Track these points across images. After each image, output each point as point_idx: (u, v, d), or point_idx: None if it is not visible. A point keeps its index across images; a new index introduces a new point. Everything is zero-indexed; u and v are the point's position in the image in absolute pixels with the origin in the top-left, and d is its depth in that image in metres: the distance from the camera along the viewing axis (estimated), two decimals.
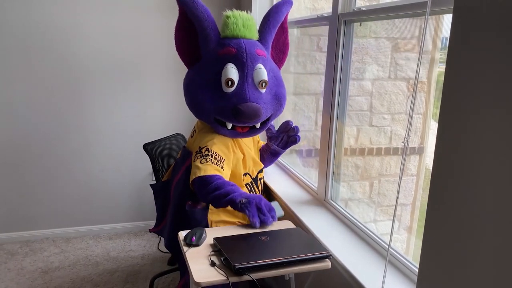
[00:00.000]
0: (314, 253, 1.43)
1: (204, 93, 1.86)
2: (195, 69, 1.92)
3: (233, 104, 1.83)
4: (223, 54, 1.84)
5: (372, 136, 2.53)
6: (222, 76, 1.83)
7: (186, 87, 1.95)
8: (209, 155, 1.84)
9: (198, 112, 1.93)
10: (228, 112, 1.84)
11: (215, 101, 1.85)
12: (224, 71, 1.83)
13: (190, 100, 1.93)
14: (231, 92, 1.84)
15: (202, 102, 1.86)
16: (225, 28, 1.89)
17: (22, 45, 2.67)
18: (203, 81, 1.87)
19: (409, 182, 2.45)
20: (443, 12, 1.27)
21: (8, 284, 2.45)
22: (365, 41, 2.40)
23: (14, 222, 2.93)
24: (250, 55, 1.85)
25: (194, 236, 1.56)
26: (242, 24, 1.87)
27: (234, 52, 1.83)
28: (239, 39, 1.87)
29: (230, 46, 1.84)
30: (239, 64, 1.84)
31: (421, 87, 2.28)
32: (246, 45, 1.86)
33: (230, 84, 1.82)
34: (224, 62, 1.84)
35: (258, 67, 1.87)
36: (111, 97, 2.91)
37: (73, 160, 2.94)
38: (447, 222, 0.90)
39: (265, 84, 1.89)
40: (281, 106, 1.99)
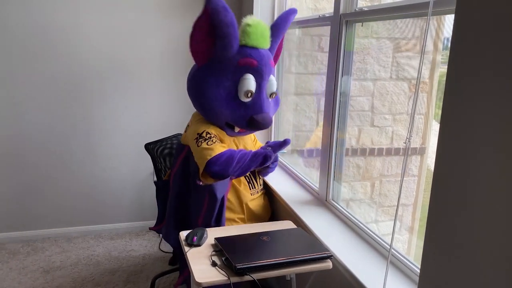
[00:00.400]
0: (315, 253, 1.44)
1: (221, 101, 1.89)
2: (208, 70, 1.92)
3: (250, 115, 1.92)
4: (244, 65, 1.88)
5: (374, 137, 2.53)
6: (241, 86, 1.89)
7: (197, 86, 1.94)
8: (212, 137, 1.91)
9: (209, 115, 1.96)
10: (243, 121, 1.93)
11: (232, 110, 1.91)
12: (244, 82, 1.89)
13: (203, 102, 1.93)
14: (248, 102, 1.92)
15: (218, 108, 1.90)
16: (245, 36, 1.90)
17: (24, 46, 2.67)
18: (221, 87, 1.89)
19: (410, 183, 2.45)
20: (445, 12, 1.27)
21: (10, 283, 2.45)
22: (367, 42, 2.40)
23: (16, 222, 2.94)
24: (267, 67, 1.93)
25: (195, 236, 1.56)
26: (261, 34, 1.92)
27: (255, 64, 1.89)
28: (258, 49, 1.92)
29: (252, 57, 1.89)
30: (258, 76, 1.91)
31: (423, 87, 2.28)
32: (265, 56, 1.92)
33: (249, 95, 1.90)
34: (243, 71, 1.89)
35: (271, 78, 1.98)
36: (113, 97, 2.91)
37: (74, 160, 2.95)
38: (449, 223, 0.90)
39: (275, 95, 2.04)
40: (277, 107, 2.13)
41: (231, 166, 1.83)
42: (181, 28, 2.90)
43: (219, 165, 1.81)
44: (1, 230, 2.92)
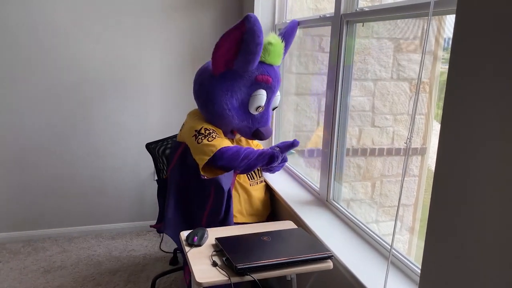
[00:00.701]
0: (316, 253, 1.44)
1: (233, 110, 1.99)
2: (225, 79, 1.97)
3: (256, 126, 2.07)
4: (261, 81, 1.99)
5: (374, 137, 2.52)
6: (253, 100, 2.00)
7: (211, 92, 1.98)
8: (211, 132, 1.97)
9: (217, 121, 2.03)
10: (249, 132, 2.08)
11: (241, 120, 2.03)
12: (257, 98, 2.00)
13: (214, 108, 1.99)
14: (257, 115, 2.05)
15: (229, 117, 1.99)
16: (266, 54, 2.00)
17: (25, 46, 2.67)
18: (234, 98, 1.99)
19: (411, 183, 2.45)
20: (445, 12, 1.26)
21: (10, 283, 2.45)
22: (368, 42, 2.40)
23: (17, 222, 2.94)
24: (278, 83, 2.08)
25: (196, 236, 1.56)
26: (278, 53, 2.04)
27: (271, 81, 2.02)
28: (273, 66, 2.05)
29: (269, 75, 2.01)
30: (269, 92, 2.04)
31: (423, 87, 2.28)
32: (277, 74, 2.07)
33: (260, 109, 2.04)
34: (258, 87, 2.00)
35: (277, 94, 2.12)
36: (113, 97, 2.91)
37: (75, 160, 2.95)
38: (449, 223, 0.90)
39: (276, 108, 2.20)
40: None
41: (236, 161, 1.91)
42: (183, 29, 2.90)
43: (225, 159, 1.90)
44: (2, 230, 2.93)
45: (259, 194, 2.16)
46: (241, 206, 2.07)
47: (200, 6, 2.87)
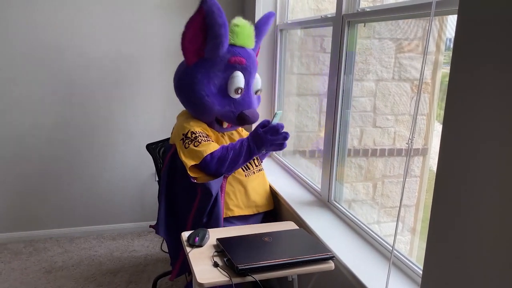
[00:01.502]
0: (317, 254, 1.43)
1: (212, 97, 1.99)
2: (199, 68, 1.99)
3: (240, 110, 2.03)
4: (234, 63, 1.99)
5: (376, 137, 2.52)
6: (231, 83, 2.00)
7: (188, 84, 2.01)
8: (198, 136, 1.97)
9: (201, 112, 2.03)
10: (233, 117, 2.03)
11: (223, 106, 2.01)
12: (234, 79, 2.00)
13: (194, 99, 2.01)
14: (238, 98, 2.03)
15: (209, 104, 1.99)
16: (234, 36, 2.02)
17: (26, 48, 2.68)
18: (211, 84, 1.99)
19: (412, 183, 2.44)
20: (447, 13, 1.26)
21: (12, 283, 2.46)
22: (369, 42, 2.40)
23: (18, 222, 2.95)
24: (253, 65, 2.07)
25: (197, 236, 1.56)
26: (248, 34, 2.05)
27: (244, 62, 2.01)
28: (245, 48, 2.05)
29: (241, 56, 2.01)
30: (246, 74, 2.03)
31: (425, 88, 2.27)
32: (252, 56, 2.06)
33: (239, 92, 2.02)
34: (233, 69, 2.00)
35: (257, 77, 2.11)
36: (114, 98, 2.91)
37: (76, 161, 2.95)
38: (451, 224, 0.89)
39: (260, 92, 2.16)
40: (259, 104, 2.22)
41: (223, 167, 1.94)
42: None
43: (212, 166, 1.92)
44: (3, 230, 2.93)
45: (257, 184, 2.11)
46: (237, 199, 2.04)
47: None
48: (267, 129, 1.94)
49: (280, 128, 1.93)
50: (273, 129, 1.93)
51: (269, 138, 1.93)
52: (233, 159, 1.94)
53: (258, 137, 1.95)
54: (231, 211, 2.02)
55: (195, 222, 1.97)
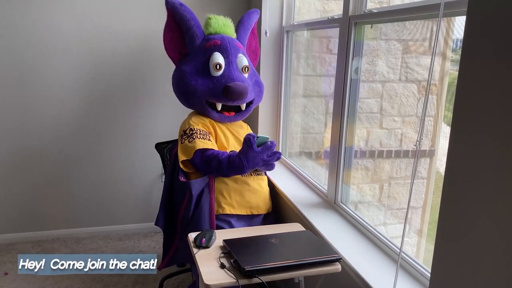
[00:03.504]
0: (324, 256, 1.43)
1: (196, 81, 2.11)
2: (183, 64, 2.18)
3: (223, 84, 2.07)
4: (210, 46, 2.14)
5: (382, 139, 2.51)
6: (210, 63, 2.11)
7: (176, 79, 2.19)
8: (194, 132, 2.04)
9: (190, 99, 2.15)
10: (219, 92, 2.08)
11: (206, 85, 2.10)
12: (211, 58, 2.11)
13: (182, 90, 2.16)
14: (220, 75, 2.11)
15: (195, 88, 2.10)
16: (208, 27, 2.21)
17: (35, 49, 2.70)
18: (193, 70, 2.13)
19: (419, 185, 2.43)
20: (456, 14, 1.26)
21: (19, 283, 2.47)
22: (376, 43, 2.39)
23: (26, 222, 2.97)
24: (233, 44, 2.17)
25: (204, 238, 1.56)
26: (222, 23, 2.22)
27: (219, 43, 2.14)
28: (221, 34, 2.20)
29: (215, 39, 2.16)
30: (224, 52, 2.13)
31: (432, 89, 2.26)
32: (227, 38, 2.19)
33: (218, 67, 2.10)
34: (211, 52, 2.13)
35: (240, 55, 2.18)
36: (122, 99, 2.93)
37: (84, 161, 2.97)
38: (460, 226, 0.89)
39: (248, 69, 2.21)
40: (261, 92, 2.30)
41: (208, 169, 1.98)
42: None
43: (198, 163, 1.98)
44: (11, 230, 2.95)
45: (254, 185, 2.11)
46: (231, 198, 2.04)
47: (207, 8, 2.87)
48: (264, 148, 1.89)
49: (274, 146, 1.91)
50: (269, 149, 1.89)
51: (265, 158, 1.89)
52: (216, 169, 1.94)
53: (253, 156, 1.88)
54: (222, 209, 2.03)
55: (184, 218, 2.02)
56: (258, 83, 2.27)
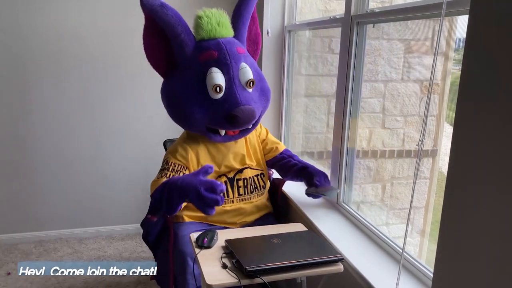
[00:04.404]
0: (326, 256, 1.43)
1: (191, 105, 1.76)
2: (174, 78, 1.83)
3: (226, 111, 1.74)
4: (205, 60, 1.75)
5: (385, 139, 2.51)
6: (207, 83, 1.74)
7: (168, 99, 1.85)
8: (166, 168, 1.83)
9: (188, 125, 1.86)
10: (221, 120, 1.76)
11: (205, 111, 1.76)
12: (209, 78, 1.74)
13: (176, 113, 1.85)
14: (221, 98, 1.75)
15: (191, 114, 1.77)
16: (199, 30, 1.80)
17: (33, 48, 2.70)
18: (188, 91, 1.77)
19: (422, 185, 2.42)
20: (458, 13, 1.25)
21: (22, 283, 2.48)
22: (378, 43, 2.39)
23: (29, 223, 2.97)
24: (233, 55, 1.77)
25: (205, 238, 1.56)
26: (216, 22, 1.79)
27: (216, 55, 1.75)
28: (216, 39, 1.79)
29: (210, 49, 1.76)
30: (223, 67, 1.75)
31: (435, 89, 2.26)
32: (226, 45, 1.77)
33: (218, 90, 1.74)
34: (206, 67, 1.75)
35: (242, 66, 1.79)
36: (123, 98, 2.93)
37: (86, 162, 2.97)
38: (463, 226, 0.88)
39: (253, 83, 1.82)
40: (268, 100, 1.94)
41: (158, 205, 1.73)
42: None
43: (154, 203, 1.76)
44: (14, 230, 2.96)
45: (236, 213, 1.94)
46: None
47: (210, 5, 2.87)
48: (208, 183, 1.51)
49: (219, 187, 1.50)
50: (213, 186, 1.50)
51: (203, 193, 1.50)
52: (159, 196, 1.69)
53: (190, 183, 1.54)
54: (182, 218, 1.92)
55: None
56: (264, 91, 1.90)
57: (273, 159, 2.11)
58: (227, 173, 1.94)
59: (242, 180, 1.96)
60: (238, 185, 1.95)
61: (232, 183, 1.94)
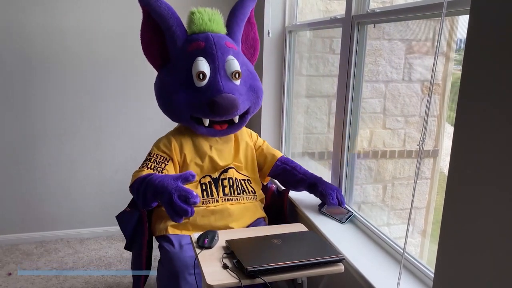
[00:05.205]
0: (327, 256, 1.42)
1: (177, 93, 1.82)
2: (165, 71, 1.90)
3: (208, 98, 1.77)
4: (192, 50, 1.82)
5: (386, 139, 2.51)
6: (193, 71, 1.80)
7: (159, 90, 1.92)
8: (148, 159, 1.88)
9: (174, 114, 1.90)
10: (204, 107, 1.79)
11: (189, 98, 1.80)
12: (194, 66, 1.80)
13: (164, 102, 1.90)
14: (204, 85, 1.80)
15: (177, 102, 1.82)
16: (191, 25, 1.89)
17: (34, 48, 2.71)
18: (175, 80, 1.84)
19: (423, 185, 2.42)
20: (459, 13, 1.25)
21: (23, 284, 2.48)
22: (379, 43, 2.39)
23: (30, 223, 2.98)
24: (220, 46, 1.82)
25: (206, 238, 1.56)
26: (208, 18, 1.87)
27: (203, 45, 1.81)
28: (206, 33, 1.86)
29: (198, 40, 1.83)
30: (209, 56, 1.80)
31: (436, 89, 2.26)
32: (214, 37, 1.84)
33: (201, 77, 1.78)
34: (193, 57, 1.81)
35: (229, 58, 1.83)
36: (125, 98, 2.93)
37: (87, 162, 2.97)
38: (464, 227, 0.88)
39: (239, 75, 1.85)
40: (259, 98, 1.95)
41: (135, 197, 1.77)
42: None
43: (132, 193, 1.80)
44: (15, 231, 2.96)
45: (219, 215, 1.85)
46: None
47: None
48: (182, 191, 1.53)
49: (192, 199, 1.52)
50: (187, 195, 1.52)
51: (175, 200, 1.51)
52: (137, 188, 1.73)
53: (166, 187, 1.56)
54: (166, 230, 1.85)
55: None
56: (254, 89, 1.92)
57: (274, 168, 2.05)
58: (211, 173, 1.91)
59: (227, 179, 1.92)
60: (223, 184, 1.91)
61: (216, 183, 1.90)
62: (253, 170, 2.04)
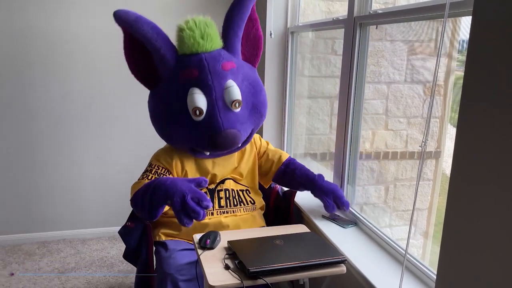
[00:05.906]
0: (329, 257, 1.42)
1: (174, 126, 1.70)
2: (158, 93, 1.76)
3: (208, 136, 1.66)
4: (185, 79, 1.65)
5: (388, 140, 2.50)
6: (188, 105, 1.65)
7: (153, 112, 1.80)
8: (149, 170, 1.78)
9: (171, 143, 1.82)
10: (204, 143, 1.69)
11: (187, 133, 1.69)
12: (189, 99, 1.64)
13: (159, 130, 1.80)
14: (202, 120, 1.66)
15: (175, 134, 1.72)
16: (181, 44, 1.68)
17: (35, 51, 2.72)
18: (170, 111, 1.70)
19: (425, 187, 2.42)
20: (461, 14, 1.25)
21: (25, 284, 2.49)
22: (381, 44, 2.39)
23: (32, 223, 2.98)
24: (215, 74, 1.64)
25: (208, 239, 1.56)
26: (200, 35, 1.65)
27: (196, 74, 1.63)
28: (199, 54, 1.66)
29: (191, 67, 1.64)
30: (204, 88, 1.64)
31: (438, 90, 2.25)
32: (208, 62, 1.64)
33: (198, 113, 1.64)
34: (187, 87, 1.65)
35: (228, 85, 1.66)
36: (127, 99, 2.94)
37: (90, 162, 2.98)
38: (466, 228, 0.88)
39: (239, 103, 1.69)
40: (262, 116, 1.81)
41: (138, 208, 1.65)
42: None
43: (134, 206, 1.69)
44: (17, 231, 2.97)
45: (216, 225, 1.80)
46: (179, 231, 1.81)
47: (212, 9, 2.88)
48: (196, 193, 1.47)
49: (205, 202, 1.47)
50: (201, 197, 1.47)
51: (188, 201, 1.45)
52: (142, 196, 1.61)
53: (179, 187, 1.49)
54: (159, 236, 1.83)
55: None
56: (256, 107, 1.76)
57: (278, 172, 1.98)
58: (208, 185, 1.82)
59: (223, 191, 1.84)
60: (219, 196, 1.83)
61: (212, 194, 1.82)
62: (253, 179, 1.97)
